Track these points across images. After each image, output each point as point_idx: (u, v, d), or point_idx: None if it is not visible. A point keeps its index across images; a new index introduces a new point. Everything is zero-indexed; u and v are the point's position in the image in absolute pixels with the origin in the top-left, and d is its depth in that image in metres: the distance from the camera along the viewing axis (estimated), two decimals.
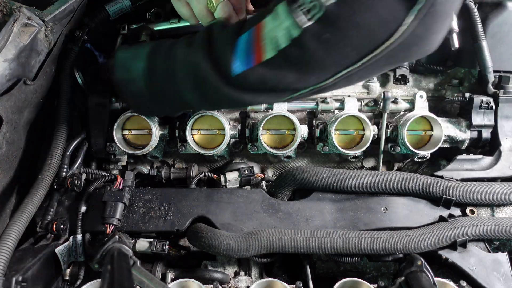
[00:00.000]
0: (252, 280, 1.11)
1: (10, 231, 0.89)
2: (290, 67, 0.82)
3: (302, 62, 0.81)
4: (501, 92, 1.20)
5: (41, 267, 0.94)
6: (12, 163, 1.03)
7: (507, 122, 1.22)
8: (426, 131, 1.21)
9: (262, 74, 0.84)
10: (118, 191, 1.10)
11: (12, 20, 0.99)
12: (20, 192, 1.08)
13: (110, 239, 0.99)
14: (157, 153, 1.23)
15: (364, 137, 1.19)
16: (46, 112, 1.16)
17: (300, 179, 1.12)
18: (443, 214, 1.09)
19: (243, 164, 1.27)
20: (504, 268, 1.05)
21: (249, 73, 0.84)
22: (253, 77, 0.85)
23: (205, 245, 1.02)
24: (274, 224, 1.08)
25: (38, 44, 1.05)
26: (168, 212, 1.10)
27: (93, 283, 0.95)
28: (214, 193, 1.13)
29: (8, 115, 0.97)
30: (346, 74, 0.81)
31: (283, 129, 1.19)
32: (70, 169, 1.13)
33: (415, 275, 0.91)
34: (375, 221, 1.08)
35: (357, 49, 0.78)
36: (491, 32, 1.21)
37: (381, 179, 1.10)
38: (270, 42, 0.81)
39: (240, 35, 0.85)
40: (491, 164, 1.18)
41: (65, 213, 1.10)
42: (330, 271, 1.18)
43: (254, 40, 0.83)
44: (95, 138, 1.19)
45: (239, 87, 0.87)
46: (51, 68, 1.12)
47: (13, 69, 0.98)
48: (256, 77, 0.84)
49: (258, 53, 0.82)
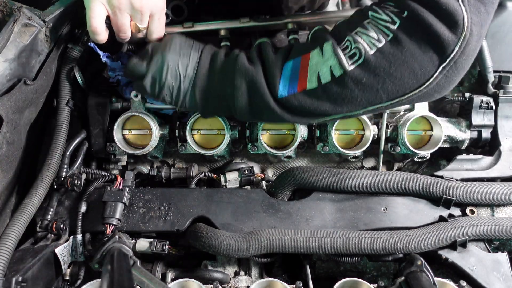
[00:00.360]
0: (252, 280, 1.11)
1: (10, 231, 0.89)
2: (328, 99, 0.94)
3: (339, 97, 0.93)
4: (501, 92, 1.20)
5: (41, 267, 0.94)
6: (12, 163, 1.03)
7: (507, 122, 1.22)
8: (426, 131, 1.21)
9: (303, 101, 0.95)
10: (118, 191, 1.10)
11: (12, 20, 0.99)
12: (20, 192, 1.08)
13: (110, 239, 0.99)
14: (157, 153, 1.23)
15: (364, 137, 1.19)
16: (46, 112, 1.17)
17: (300, 179, 1.12)
18: (443, 214, 1.09)
19: (243, 164, 1.27)
20: (504, 268, 1.05)
21: (292, 98, 0.96)
22: (294, 102, 0.96)
23: (205, 245, 1.02)
24: (274, 224, 1.08)
25: (38, 44, 1.05)
26: (168, 212, 1.10)
27: (93, 283, 0.95)
28: (214, 193, 1.13)
29: (8, 115, 0.97)
30: (374, 109, 0.95)
31: (283, 129, 1.19)
32: (70, 169, 1.13)
33: (415, 275, 0.92)
34: (375, 221, 1.08)
35: (388, 94, 0.91)
36: (491, 32, 1.21)
37: (381, 179, 1.10)
38: (313, 75, 0.93)
39: (287, 60, 0.97)
40: (491, 164, 1.18)
41: (65, 213, 1.10)
42: (330, 271, 1.18)
43: (299, 69, 0.95)
44: (95, 138, 1.19)
45: (282, 107, 0.98)
46: (51, 68, 1.12)
47: (14, 69, 0.98)
48: (297, 102, 0.96)
49: (301, 82, 0.94)
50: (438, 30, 0.83)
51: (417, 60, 0.87)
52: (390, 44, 0.87)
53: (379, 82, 0.89)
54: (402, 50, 0.87)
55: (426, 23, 0.84)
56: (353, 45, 0.89)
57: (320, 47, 0.94)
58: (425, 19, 0.83)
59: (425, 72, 0.88)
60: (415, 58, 0.87)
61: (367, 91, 0.91)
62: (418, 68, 0.87)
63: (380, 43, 0.87)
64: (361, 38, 0.89)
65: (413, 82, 0.89)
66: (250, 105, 1.00)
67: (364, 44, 0.88)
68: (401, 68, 0.88)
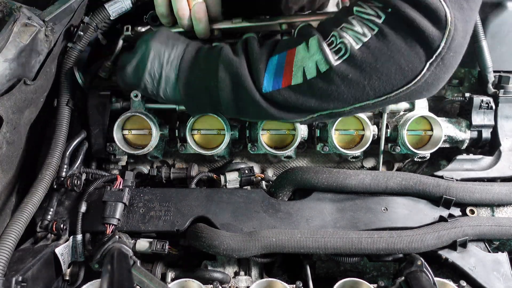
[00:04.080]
0: (252, 280, 1.11)
1: (10, 231, 0.89)
2: (313, 95, 0.93)
3: (325, 93, 0.92)
4: (501, 92, 1.20)
5: (41, 267, 0.94)
6: (12, 163, 1.03)
7: (507, 122, 1.22)
8: (426, 131, 1.21)
9: (288, 96, 0.94)
10: (118, 191, 1.10)
11: (12, 20, 0.99)
12: (20, 192, 1.08)
13: (110, 239, 0.99)
14: (157, 153, 1.23)
15: (364, 137, 1.19)
16: (46, 112, 1.17)
17: (300, 179, 1.12)
18: (443, 214, 1.09)
19: (243, 164, 1.27)
20: (504, 268, 1.05)
21: (276, 93, 0.94)
22: (279, 97, 0.94)
23: (205, 245, 1.02)
24: (274, 224, 1.08)
25: (38, 44, 1.05)
26: (168, 212, 1.10)
27: (93, 283, 0.95)
28: (214, 193, 1.13)
29: (8, 115, 0.97)
30: (361, 106, 0.93)
31: (283, 129, 1.19)
32: (70, 169, 1.13)
33: (415, 275, 0.92)
34: (375, 221, 1.08)
35: (374, 90, 0.90)
36: (491, 32, 1.21)
37: (381, 179, 1.10)
38: (299, 70, 0.92)
39: (272, 55, 0.95)
40: (491, 164, 1.18)
41: (65, 213, 1.10)
42: (330, 271, 1.18)
43: (284, 64, 0.94)
44: (95, 138, 1.19)
45: (268, 101, 0.96)
46: (51, 68, 1.12)
47: (13, 69, 0.98)
48: (282, 97, 0.94)
49: (286, 77, 0.93)
50: (422, 26, 0.83)
51: (403, 55, 0.86)
52: (376, 38, 0.86)
53: (365, 78, 0.88)
54: (388, 44, 0.86)
55: (409, 18, 0.83)
56: (339, 40, 0.88)
57: (306, 42, 0.92)
58: (408, 14, 0.83)
59: (412, 68, 0.87)
60: (401, 53, 0.85)
61: (353, 87, 0.89)
62: (405, 63, 0.86)
63: (366, 37, 0.86)
64: (346, 33, 0.88)
65: (400, 78, 0.88)
66: (235, 99, 0.98)
67: (349, 39, 0.87)
68: (388, 63, 0.86)
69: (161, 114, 1.24)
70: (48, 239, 1.06)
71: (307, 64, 0.91)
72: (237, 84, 0.96)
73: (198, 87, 1.00)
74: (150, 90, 1.02)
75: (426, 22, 0.83)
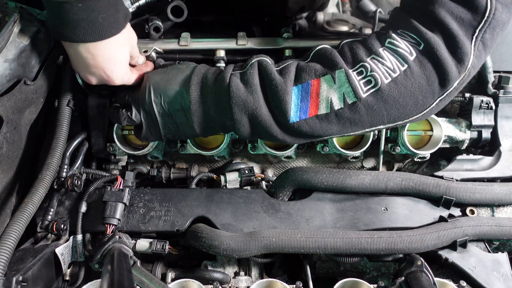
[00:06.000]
0: (252, 280, 1.11)
1: (10, 231, 0.88)
2: (338, 123, 0.97)
3: (348, 121, 0.96)
4: (501, 92, 1.20)
5: (41, 267, 0.94)
6: (12, 163, 1.03)
7: (507, 122, 1.22)
8: (426, 131, 1.21)
9: (314, 125, 0.97)
10: (118, 191, 1.10)
11: (12, 20, 0.99)
12: (20, 192, 1.08)
13: (110, 239, 0.99)
14: (157, 153, 1.23)
15: (364, 137, 1.19)
16: (46, 112, 1.17)
17: (300, 179, 1.12)
18: (443, 214, 1.09)
19: (243, 164, 1.27)
20: (504, 268, 1.05)
21: (303, 123, 0.97)
22: (305, 127, 0.97)
23: (205, 245, 1.02)
24: (274, 224, 1.08)
25: (38, 44, 1.05)
26: (168, 212, 1.10)
27: (93, 283, 0.95)
28: (214, 193, 1.13)
29: (8, 115, 0.97)
30: (372, 129, 1.00)
31: None
32: (70, 169, 1.13)
33: (415, 275, 0.92)
34: (375, 221, 1.08)
35: (389, 118, 0.97)
36: None
37: (381, 179, 1.10)
38: (325, 101, 0.95)
39: (296, 84, 0.96)
40: (491, 164, 1.18)
41: (65, 213, 1.11)
42: (330, 271, 1.18)
43: (310, 94, 0.95)
44: (95, 138, 1.19)
45: (289, 132, 0.99)
46: (51, 68, 1.12)
47: (14, 69, 0.98)
48: (308, 127, 0.97)
49: (313, 107, 0.96)
50: (448, 66, 0.90)
51: (422, 91, 0.93)
52: (405, 75, 0.91)
53: (386, 108, 0.94)
54: (413, 82, 0.92)
55: (439, 57, 0.90)
56: (369, 72, 0.92)
57: (332, 75, 0.94)
58: (440, 54, 0.89)
59: (425, 103, 0.95)
60: (421, 90, 0.93)
61: (374, 116, 0.95)
62: (421, 99, 0.94)
63: (395, 73, 0.92)
64: (376, 66, 0.92)
65: (414, 110, 0.96)
66: (253, 133, 1.02)
67: (380, 73, 0.92)
68: (408, 98, 0.93)
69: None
70: (48, 239, 1.06)
71: (334, 95, 0.94)
72: (256, 124, 0.99)
73: (214, 126, 1.04)
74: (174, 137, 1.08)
75: (452, 63, 0.90)
